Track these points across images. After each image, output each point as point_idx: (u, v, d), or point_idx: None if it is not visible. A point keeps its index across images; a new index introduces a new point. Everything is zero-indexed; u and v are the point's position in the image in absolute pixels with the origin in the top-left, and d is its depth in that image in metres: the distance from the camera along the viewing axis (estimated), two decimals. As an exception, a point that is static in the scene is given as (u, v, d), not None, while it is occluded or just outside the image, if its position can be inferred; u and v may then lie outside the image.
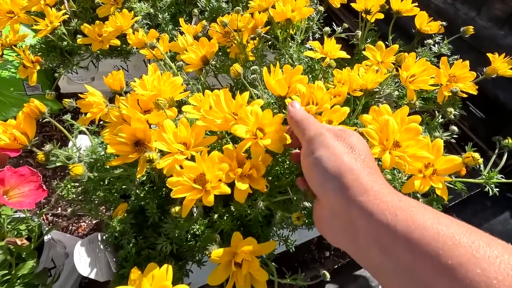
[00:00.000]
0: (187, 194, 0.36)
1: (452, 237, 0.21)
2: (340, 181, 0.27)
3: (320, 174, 0.29)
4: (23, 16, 0.70)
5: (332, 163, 0.28)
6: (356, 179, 0.27)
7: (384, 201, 0.25)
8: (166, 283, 0.34)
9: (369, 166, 0.28)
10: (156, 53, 0.56)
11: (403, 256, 0.22)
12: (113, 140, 0.39)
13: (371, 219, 0.24)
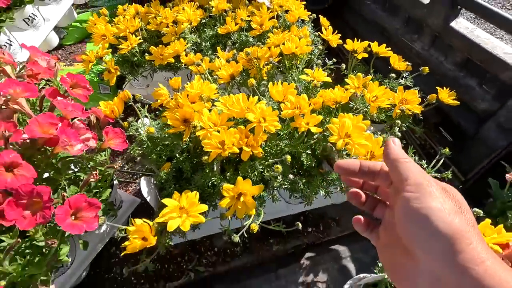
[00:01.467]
0: (213, 150, 0.59)
1: None
2: (451, 244, 0.24)
3: (427, 230, 0.25)
4: (111, 39, 1.01)
5: (444, 222, 0.24)
6: (469, 245, 0.24)
7: (500, 276, 0.23)
8: (195, 200, 0.57)
9: (478, 233, 0.25)
10: (200, 69, 0.83)
11: None
12: (172, 117, 0.65)
13: None
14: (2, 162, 0.49)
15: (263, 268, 0.82)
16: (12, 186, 0.49)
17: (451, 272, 0.24)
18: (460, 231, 0.24)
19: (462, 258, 0.23)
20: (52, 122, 0.58)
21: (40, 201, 0.49)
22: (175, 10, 1.06)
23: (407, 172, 0.28)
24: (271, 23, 0.99)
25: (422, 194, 0.26)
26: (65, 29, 1.35)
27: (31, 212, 0.49)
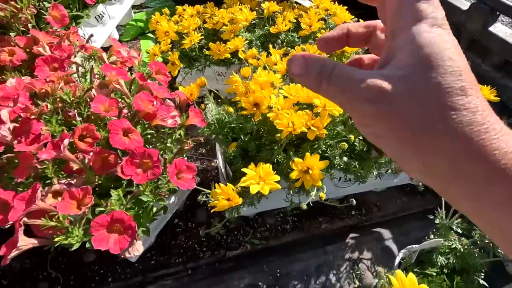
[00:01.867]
0: (284, 128, 0.68)
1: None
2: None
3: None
4: (173, 35, 1.12)
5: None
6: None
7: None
8: (269, 170, 0.65)
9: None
10: (260, 63, 0.93)
11: None
12: (245, 101, 0.74)
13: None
14: (121, 128, 0.59)
15: (311, 244, 0.90)
16: (129, 148, 0.59)
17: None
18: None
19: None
20: (150, 99, 0.68)
21: (149, 162, 0.59)
22: (230, 11, 1.17)
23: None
24: (319, 25, 1.09)
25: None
26: (123, 27, 1.48)
27: (142, 170, 0.59)
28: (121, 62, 0.82)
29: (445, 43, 0.20)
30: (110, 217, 0.50)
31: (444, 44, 0.20)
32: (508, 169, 0.18)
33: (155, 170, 0.58)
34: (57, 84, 0.68)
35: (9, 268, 0.84)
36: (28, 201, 0.53)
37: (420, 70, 0.20)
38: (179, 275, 0.85)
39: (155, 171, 0.58)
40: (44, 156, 0.56)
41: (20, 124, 0.63)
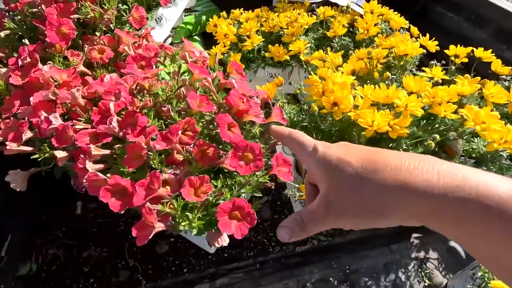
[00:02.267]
0: (367, 127, 0.71)
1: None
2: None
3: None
4: (232, 37, 1.16)
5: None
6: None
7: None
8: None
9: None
10: (327, 64, 0.96)
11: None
12: (326, 100, 0.77)
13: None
14: (227, 122, 0.63)
15: (375, 242, 0.92)
16: (234, 141, 0.62)
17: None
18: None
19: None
20: (240, 97, 0.71)
21: (250, 155, 0.62)
22: (286, 15, 1.21)
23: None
24: (377, 29, 1.11)
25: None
26: (173, 29, 1.53)
27: (244, 163, 0.62)
28: (202, 61, 0.86)
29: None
30: (232, 204, 0.53)
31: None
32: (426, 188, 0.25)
33: (257, 163, 0.61)
34: (153, 81, 0.72)
35: (89, 256, 0.87)
36: (147, 188, 0.56)
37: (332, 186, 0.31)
38: (248, 269, 0.87)
39: (258, 163, 0.61)
40: (158, 147, 0.60)
41: (124, 117, 0.67)
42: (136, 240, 0.51)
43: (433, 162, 0.26)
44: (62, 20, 0.77)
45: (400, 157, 0.28)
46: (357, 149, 0.32)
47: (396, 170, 0.27)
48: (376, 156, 0.29)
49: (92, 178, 0.58)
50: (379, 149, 0.31)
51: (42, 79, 0.73)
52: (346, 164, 0.30)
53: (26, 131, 0.65)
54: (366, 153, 0.30)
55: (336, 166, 0.30)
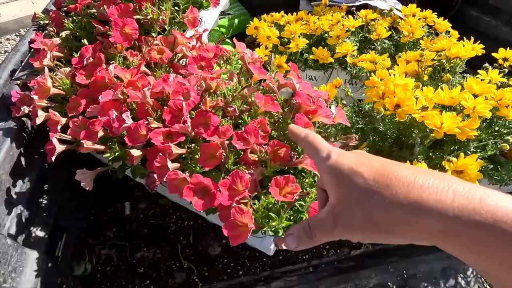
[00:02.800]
0: (436, 128, 0.70)
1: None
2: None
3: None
4: (275, 40, 1.17)
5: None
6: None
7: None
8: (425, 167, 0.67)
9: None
10: (378, 67, 0.95)
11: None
12: (389, 102, 0.76)
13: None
14: (303, 122, 0.62)
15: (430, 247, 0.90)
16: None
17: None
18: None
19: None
20: (307, 97, 0.71)
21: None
22: (327, 18, 1.21)
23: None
24: (421, 32, 1.11)
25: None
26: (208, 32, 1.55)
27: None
28: (260, 62, 0.86)
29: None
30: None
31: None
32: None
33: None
34: (221, 81, 0.72)
35: (142, 257, 0.87)
36: (229, 188, 0.56)
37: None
38: (301, 272, 0.86)
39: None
40: (238, 147, 0.59)
41: (196, 116, 0.67)
42: (229, 240, 0.50)
43: (449, 181, 0.25)
44: (126, 21, 0.78)
45: (414, 172, 0.26)
46: (371, 160, 0.30)
47: (409, 187, 0.25)
48: (390, 170, 0.28)
49: (172, 177, 0.58)
50: (394, 162, 0.30)
51: (107, 79, 0.73)
52: (358, 176, 0.29)
53: (100, 130, 0.65)
54: (380, 165, 0.29)
55: (347, 177, 0.29)
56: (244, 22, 1.62)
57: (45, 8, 1.04)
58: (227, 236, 0.51)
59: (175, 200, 0.84)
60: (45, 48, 0.80)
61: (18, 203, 0.70)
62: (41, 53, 0.79)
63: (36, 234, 0.73)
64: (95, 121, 0.66)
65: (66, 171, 0.82)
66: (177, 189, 0.58)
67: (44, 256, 0.70)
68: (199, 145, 0.64)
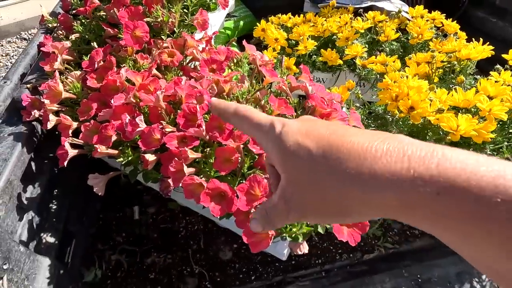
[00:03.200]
0: (452, 131, 0.69)
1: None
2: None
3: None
4: (283, 42, 1.16)
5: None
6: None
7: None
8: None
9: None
10: (389, 68, 0.95)
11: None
12: (403, 104, 0.76)
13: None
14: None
15: (444, 250, 0.89)
16: None
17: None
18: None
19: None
20: (322, 100, 0.70)
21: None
22: (335, 20, 1.20)
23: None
24: (431, 34, 1.11)
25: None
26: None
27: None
28: (271, 64, 0.85)
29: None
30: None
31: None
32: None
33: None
34: (234, 84, 0.71)
35: (153, 262, 0.85)
36: (247, 193, 0.55)
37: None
38: (314, 277, 0.85)
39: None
40: (255, 150, 0.59)
41: (210, 120, 0.66)
42: (249, 247, 0.49)
43: (405, 145, 0.21)
44: (137, 23, 0.77)
45: (367, 139, 0.23)
46: (319, 127, 0.26)
47: (360, 159, 0.22)
48: (340, 139, 0.24)
49: (188, 182, 0.57)
50: (345, 127, 0.27)
51: (119, 82, 0.73)
52: (304, 150, 0.25)
53: (113, 134, 0.64)
54: (329, 134, 0.25)
55: (293, 153, 0.25)
56: (249, 24, 1.62)
57: (53, 11, 1.03)
58: (247, 243, 0.49)
59: (185, 204, 0.83)
60: (56, 52, 0.79)
61: (29, 209, 0.70)
62: (51, 56, 0.78)
63: (46, 240, 0.72)
64: (108, 125, 0.66)
65: (74, 176, 0.81)
66: (193, 194, 0.58)
67: (55, 262, 0.69)
68: (213, 150, 0.64)
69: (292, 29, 1.20)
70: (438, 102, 0.75)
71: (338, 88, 0.84)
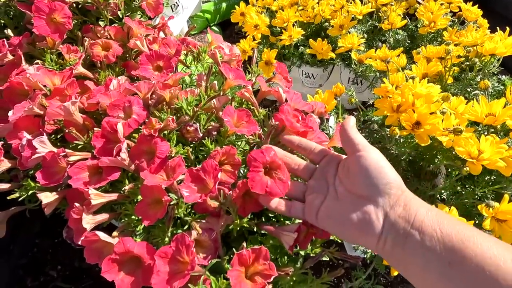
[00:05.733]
0: (470, 159, 0.51)
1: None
2: (399, 188, 0.33)
3: (383, 179, 0.34)
4: (264, 29, 0.96)
5: (393, 173, 0.35)
6: (406, 191, 0.34)
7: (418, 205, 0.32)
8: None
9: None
10: (391, 66, 0.75)
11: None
12: (406, 118, 0.57)
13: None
14: (263, 162, 0.43)
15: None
16: (272, 192, 0.42)
17: (400, 205, 0.32)
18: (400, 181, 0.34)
19: (404, 196, 0.32)
20: (295, 114, 0.52)
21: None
22: (329, 3, 0.99)
23: (359, 140, 0.37)
24: (445, 21, 0.90)
25: (370, 152, 0.35)
26: (190, 18, 1.33)
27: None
28: (236, 61, 0.66)
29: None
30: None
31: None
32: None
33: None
34: (176, 90, 0.53)
35: (90, 305, 0.70)
36: (172, 260, 0.38)
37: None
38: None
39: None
40: (188, 196, 0.41)
41: (137, 142, 0.48)
42: None
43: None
44: (54, 5, 0.58)
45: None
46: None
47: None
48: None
49: (91, 239, 0.40)
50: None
51: (26, 85, 0.54)
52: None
53: (1, 162, 0.47)
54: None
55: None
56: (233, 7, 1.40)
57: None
58: None
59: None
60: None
61: None
62: None
63: None
64: (-4, 149, 0.48)
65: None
66: (99, 257, 0.41)
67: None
68: (139, 184, 0.46)
69: (277, 14, 0.99)
70: (453, 117, 0.56)
71: (324, 93, 0.65)
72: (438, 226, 0.29)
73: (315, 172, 0.42)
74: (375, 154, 0.35)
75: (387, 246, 0.31)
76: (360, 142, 0.36)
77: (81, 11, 0.71)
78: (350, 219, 0.33)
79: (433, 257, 0.28)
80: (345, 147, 0.38)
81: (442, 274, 0.27)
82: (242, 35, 1.03)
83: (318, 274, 0.46)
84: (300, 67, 1.03)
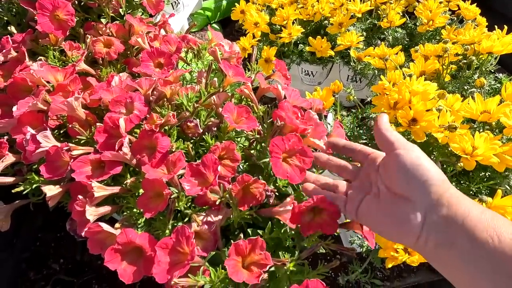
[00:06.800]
0: (465, 155, 0.52)
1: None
2: (441, 186, 0.32)
3: (423, 177, 0.32)
4: (264, 27, 0.97)
5: (434, 169, 0.33)
6: (450, 187, 0.33)
7: (466, 204, 0.30)
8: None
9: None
10: (389, 64, 0.76)
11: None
12: (401, 115, 0.58)
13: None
14: (283, 150, 0.44)
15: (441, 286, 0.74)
16: (292, 178, 0.44)
17: (443, 205, 0.30)
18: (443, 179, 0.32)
19: (449, 194, 0.31)
20: (294, 111, 0.53)
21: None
22: (328, 1, 1.00)
23: (394, 137, 0.36)
24: (444, 20, 0.90)
25: (408, 150, 0.34)
26: (191, 15, 1.33)
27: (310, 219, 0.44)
28: (236, 59, 0.67)
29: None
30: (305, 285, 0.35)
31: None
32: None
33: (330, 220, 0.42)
34: (177, 87, 0.54)
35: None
36: (172, 250, 0.39)
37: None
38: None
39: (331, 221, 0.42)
40: (189, 189, 0.42)
41: (139, 138, 0.49)
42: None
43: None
44: (58, 2, 0.59)
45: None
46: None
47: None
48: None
49: (94, 230, 0.41)
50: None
51: (30, 81, 0.55)
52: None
53: (6, 156, 0.48)
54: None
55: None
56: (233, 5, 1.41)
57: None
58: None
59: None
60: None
61: None
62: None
63: None
64: (1, 143, 0.49)
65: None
66: (102, 247, 0.42)
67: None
68: (141, 178, 0.48)
69: (276, 12, 1.00)
70: (449, 114, 0.57)
71: (322, 90, 0.66)
72: (495, 232, 0.26)
73: (359, 172, 0.41)
74: (412, 152, 0.34)
75: (429, 246, 0.30)
76: (396, 140, 0.35)
77: (83, 8, 0.71)
78: (388, 218, 0.33)
79: (488, 268, 0.26)
80: (381, 147, 0.37)
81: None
82: (242, 33, 1.04)
83: (315, 267, 0.47)
84: (299, 65, 1.04)
